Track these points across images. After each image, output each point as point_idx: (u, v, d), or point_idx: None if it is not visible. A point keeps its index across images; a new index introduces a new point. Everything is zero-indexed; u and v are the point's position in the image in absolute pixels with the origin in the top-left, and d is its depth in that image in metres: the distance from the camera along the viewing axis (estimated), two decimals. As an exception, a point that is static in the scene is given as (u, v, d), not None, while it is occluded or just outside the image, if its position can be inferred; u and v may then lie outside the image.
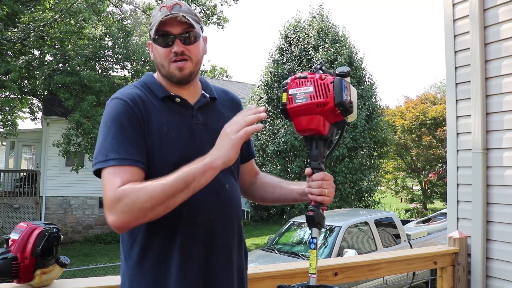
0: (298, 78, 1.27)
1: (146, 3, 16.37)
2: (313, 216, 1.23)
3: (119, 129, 1.13)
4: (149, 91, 1.24)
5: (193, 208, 1.16)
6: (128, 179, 1.08)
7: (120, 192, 1.05)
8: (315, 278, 1.24)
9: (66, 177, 14.68)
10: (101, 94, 12.64)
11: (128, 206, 1.03)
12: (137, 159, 1.12)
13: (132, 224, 1.07)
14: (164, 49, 1.21)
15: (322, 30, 15.62)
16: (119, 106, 1.16)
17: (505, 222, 2.32)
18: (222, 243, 1.22)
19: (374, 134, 15.36)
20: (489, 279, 2.39)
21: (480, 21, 2.44)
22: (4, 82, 11.22)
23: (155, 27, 1.19)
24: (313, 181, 1.26)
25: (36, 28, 11.88)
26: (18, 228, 1.28)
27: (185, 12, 1.21)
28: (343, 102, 1.21)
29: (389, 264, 2.16)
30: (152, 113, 1.19)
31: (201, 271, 1.17)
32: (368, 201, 15.67)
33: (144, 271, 1.15)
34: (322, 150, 1.29)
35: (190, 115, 1.25)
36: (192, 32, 1.22)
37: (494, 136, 2.40)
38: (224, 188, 1.24)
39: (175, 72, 1.22)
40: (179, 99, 1.24)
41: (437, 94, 22.43)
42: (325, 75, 1.25)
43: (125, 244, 1.20)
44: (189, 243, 1.16)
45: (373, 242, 7.07)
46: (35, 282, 1.28)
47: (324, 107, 1.22)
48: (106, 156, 1.10)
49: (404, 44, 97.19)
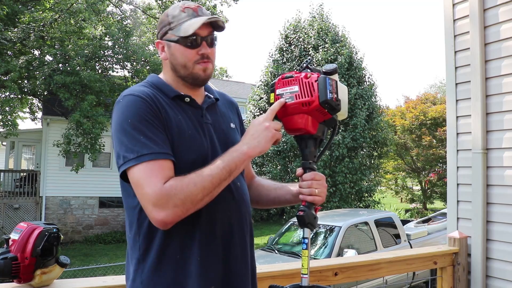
0: (284, 78, 1.27)
1: (146, 3, 16.38)
2: (303, 216, 1.23)
3: (144, 124, 1.11)
4: (159, 90, 1.23)
5: (211, 205, 1.16)
6: (168, 174, 1.08)
7: (169, 187, 1.06)
8: (307, 278, 1.24)
9: (66, 177, 14.68)
10: (101, 94, 12.65)
11: (182, 200, 1.05)
12: (169, 152, 1.12)
13: (181, 217, 1.08)
14: (191, 51, 1.20)
15: (322, 30, 15.62)
16: (137, 102, 1.14)
17: (505, 222, 2.32)
18: (238, 238, 1.24)
19: (374, 134, 15.36)
20: (489, 279, 2.39)
21: (480, 21, 2.44)
22: (4, 82, 11.23)
23: (192, 28, 1.17)
24: (303, 181, 1.26)
25: (36, 28, 11.88)
26: (18, 228, 1.28)
27: (216, 16, 1.24)
28: (328, 100, 1.20)
29: (389, 264, 2.16)
30: (167, 111, 1.18)
31: (220, 267, 1.18)
32: (368, 201, 15.67)
33: (162, 273, 1.14)
34: (312, 150, 1.29)
35: (200, 115, 1.26)
36: (213, 36, 1.24)
37: (494, 136, 2.40)
38: (236, 185, 1.27)
39: (200, 73, 1.22)
40: (189, 98, 1.25)
41: (437, 94, 22.43)
42: (310, 73, 1.25)
43: (137, 248, 1.17)
44: (208, 240, 1.17)
45: (373, 242, 7.07)
46: (35, 282, 1.29)
47: (310, 106, 1.22)
48: (137, 153, 1.08)
49: (404, 44, 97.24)
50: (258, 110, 16.52)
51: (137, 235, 1.17)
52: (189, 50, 1.20)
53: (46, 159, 14.85)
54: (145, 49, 14.30)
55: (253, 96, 16.98)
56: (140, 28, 15.82)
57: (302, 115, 1.24)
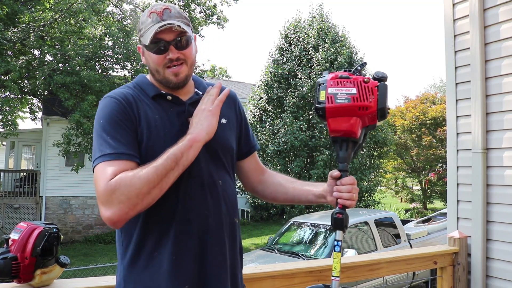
0: (339, 77, 1.25)
1: (146, 3, 16.35)
2: (342, 219, 1.24)
3: (112, 126, 1.14)
4: (141, 90, 1.26)
5: (187, 204, 1.17)
6: (120, 171, 1.07)
7: (114, 183, 1.04)
8: (338, 281, 1.24)
9: (66, 177, 14.68)
10: (101, 94, 12.61)
11: (125, 194, 1.03)
12: (132, 153, 1.13)
13: (130, 214, 1.05)
14: (158, 56, 1.21)
15: (322, 30, 15.62)
16: (111, 104, 1.18)
17: (505, 222, 2.32)
18: (217, 239, 1.21)
19: (374, 134, 15.35)
20: (489, 279, 2.39)
21: (480, 21, 2.44)
22: (4, 82, 11.22)
23: (150, 36, 1.18)
24: (342, 184, 1.26)
25: (36, 28, 11.87)
26: (18, 228, 1.28)
27: (176, 17, 1.21)
28: (385, 108, 1.22)
29: (389, 264, 2.16)
30: (144, 111, 1.20)
31: (195, 266, 1.16)
32: (368, 201, 15.66)
33: (138, 270, 1.15)
34: (350, 152, 1.29)
35: (182, 111, 1.25)
36: (185, 37, 1.22)
37: (494, 136, 2.40)
38: (216, 184, 1.24)
39: (171, 78, 1.22)
40: (171, 96, 1.25)
41: (437, 94, 22.42)
42: (367, 78, 1.25)
43: (120, 244, 1.20)
44: (183, 238, 1.16)
45: (373, 242, 7.07)
46: (35, 282, 1.28)
47: (366, 111, 1.22)
48: (101, 152, 1.11)
49: (404, 44, 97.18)
50: (258, 110, 16.53)
51: (120, 232, 1.20)
52: (157, 56, 1.21)
53: (46, 159, 14.85)
54: (145, 49, 14.27)
55: (253, 96, 16.98)
56: (140, 28, 15.82)
57: (354, 118, 1.24)
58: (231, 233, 1.27)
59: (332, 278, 1.24)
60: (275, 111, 15.98)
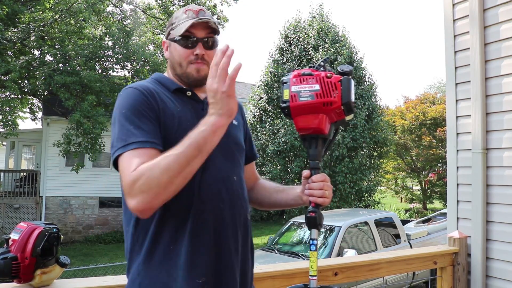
0: (302, 75, 1.24)
1: (146, 3, 16.35)
2: (315, 218, 1.22)
3: (136, 115, 1.14)
4: (160, 85, 1.27)
5: (203, 197, 1.17)
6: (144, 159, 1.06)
7: (135, 173, 1.03)
8: (315, 280, 1.22)
9: (66, 177, 14.68)
10: (101, 94, 12.64)
11: (146, 184, 1.02)
12: (156, 141, 1.12)
13: (154, 204, 1.04)
14: (186, 50, 1.25)
15: (322, 30, 15.63)
16: (135, 94, 1.18)
17: (505, 222, 2.32)
18: (231, 232, 1.22)
19: (374, 134, 15.36)
20: (489, 279, 2.39)
21: (480, 21, 2.44)
22: (4, 82, 11.22)
23: (184, 28, 1.22)
24: (313, 182, 1.24)
25: (36, 28, 11.87)
26: (18, 228, 1.28)
27: (210, 18, 1.26)
28: (350, 102, 1.19)
29: (389, 264, 2.16)
30: (166, 103, 1.21)
31: (211, 259, 1.17)
32: (368, 201, 15.67)
33: (154, 264, 1.14)
34: (320, 150, 1.27)
35: (200, 108, 1.26)
36: (213, 38, 1.27)
37: (494, 136, 2.40)
38: (231, 179, 1.25)
39: (193, 73, 1.25)
40: (190, 92, 1.28)
41: (437, 94, 22.43)
42: (330, 73, 1.22)
43: (135, 240, 1.19)
44: (199, 231, 1.16)
45: (373, 242, 7.07)
46: (35, 282, 1.28)
47: (331, 106, 1.20)
48: (125, 141, 1.10)
49: (404, 44, 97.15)
50: (258, 110, 16.53)
51: (134, 227, 1.19)
52: (185, 49, 1.25)
53: (46, 159, 14.85)
54: (145, 49, 14.29)
55: (253, 96, 16.98)
56: (140, 28, 15.81)
57: (320, 115, 1.22)
58: (244, 229, 1.28)
59: (310, 277, 1.22)
60: (275, 111, 15.98)
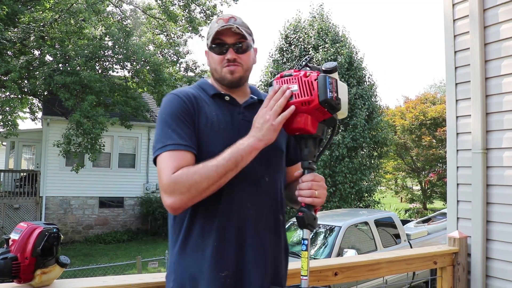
0: (283, 76, 1.25)
1: (146, 3, 16.36)
2: (302, 217, 1.21)
3: (174, 120, 1.26)
4: (202, 90, 1.39)
5: (230, 195, 1.27)
6: (182, 164, 1.20)
7: (177, 175, 1.18)
8: (307, 280, 1.22)
9: (66, 177, 14.67)
10: (101, 94, 12.64)
11: (186, 187, 1.17)
12: (190, 144, 1.24)
13: (188, 204, 1.20)
14: (219, 56, 1.35)
15: (322, 30, 15.61)
16: (173, 100, 1.31)
17: (505, 222, 2.32)
18: (256, 231, 1.28)
19: (374, 134, 15.35)
20: (489, 279, 2.39)
21: (480, 21, 2.44)
22: (4, 82, 11.22)
23: (212, 36, 1.33)
24: (302, 182, 1.25)
25: (36, 28, 11.87)
26: (18, 228, 1.28)
27: (239, 25, 1.35)
28: (328, 100, 1.19)
29: (389, 264, 2.16)
30: (203, 108, 1.32)
31: (235, 254, 1.25)
32: (368, 201, 15.66)
33: (186, 255, 1.27)
34: (312, 149, 1.27)
35: (237, 112, 1.36)
36: (244, 43, 1.35)
37: (494, 136, 2.40)
38: (261, 180, 1.32)
39: (227, 75, 1.34)
40: (228, 97, 1.37)
41: (437, 94, 22.44)
42: (309, 72, 1.22)
43: (173, 231, 1.32)
44: (225, 227, 1.26)
45: (373, 242, 7.07)
46: (35, 282, 1.28)
47: (309, 105, 1.20)
48: (163, 143, 1.23)
49: (404, 44, 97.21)
50: (258, 110, 16.49)
51: (174, 219, 1.32)
52: (218, 56, 1.35)
53: (46, 159, 14.84)
54: (145, 49, 14.29)
55: (253, 96, 16.94)
56: (140, 28, 15.81)
57: (302, 115, 1.22)
58: (275, 228, 1.34)
59: (301, 277, 1.22)
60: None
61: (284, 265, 1.38)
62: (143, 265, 9.31)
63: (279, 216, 1.36)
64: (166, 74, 13.98)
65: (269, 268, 1.29)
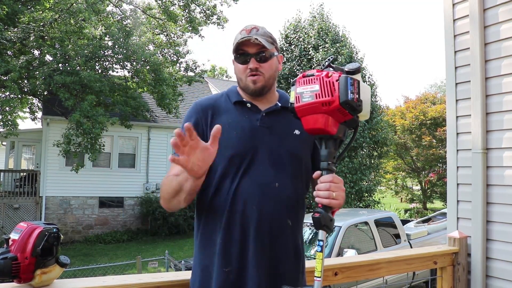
0: (305, 76, 1.25)
1: (146, 3, 16.35)
2: (319, 218, 1.21)
3: None
4: (227, 97, 1.50)
5: (238, 198, 1.35)
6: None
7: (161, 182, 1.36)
8: (320, 281, 1.21)
9: (66, 177, 14.66)
10: (101, 94, 12.64)
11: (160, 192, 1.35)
12: None
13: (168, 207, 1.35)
14: (242, 66, 1.44)
15: (322, 30, 15.62)
16: (191, 109, 1.48)
17: (505, 222, 2.32)
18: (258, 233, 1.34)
19: (374, 134, 15.36)
20: (489, 279, 2.39)
21: (480, 21, 2.44)
22: (4, 82, 11.21)
23: (235, 47, 1.42)
24: (321, 183, 1.24)
25: (36, 28, 11.87)
26: (18, 228, 1.28)
27: (261, 35, 1.42)
28: (349, 101, 1.17)
29: (389, 264, 2.16)
30: (220, 114, 1.44)
31: (238, 253, 1.34)
32: (368, 201, 15.67)
33: (201, 248, 1.41)
34: (332, 151, 1.26)
35: (256, 119, 1.43)
36: (266, 52, 1.42)
37: (494, 136, 2.40)
38: (271, 185, 1.37)
39: (250, 85, 1.43)
40: (250, 104, 1.46)
41: (437, 94, 22.43)
42: (331, 72, 1.22)
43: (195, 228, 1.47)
44: (230, 226, 1.35)
45: (373, 242, 7.07)
46: (35, 282, 1.28)
47: (329, 106, 1.19)
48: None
49: (404, 44, 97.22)
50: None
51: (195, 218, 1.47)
52: (241, 65, 1.44)
53: (46, 159, 14.84)
54: (145, 49, 14.28)
55: (253, 96, 16.94)
56: (140, 28, 15.79)
57: (322, 115, 1.21)
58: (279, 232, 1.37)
59: (315, 278, 1.21)
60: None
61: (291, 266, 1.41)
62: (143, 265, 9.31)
63: (286, 221, 1.39)
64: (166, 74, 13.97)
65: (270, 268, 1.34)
